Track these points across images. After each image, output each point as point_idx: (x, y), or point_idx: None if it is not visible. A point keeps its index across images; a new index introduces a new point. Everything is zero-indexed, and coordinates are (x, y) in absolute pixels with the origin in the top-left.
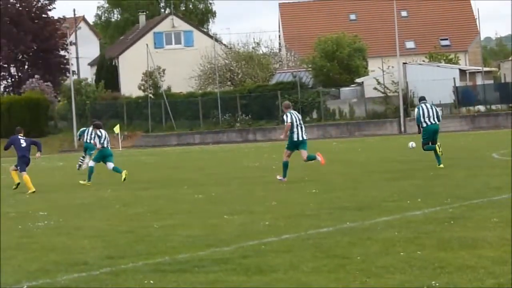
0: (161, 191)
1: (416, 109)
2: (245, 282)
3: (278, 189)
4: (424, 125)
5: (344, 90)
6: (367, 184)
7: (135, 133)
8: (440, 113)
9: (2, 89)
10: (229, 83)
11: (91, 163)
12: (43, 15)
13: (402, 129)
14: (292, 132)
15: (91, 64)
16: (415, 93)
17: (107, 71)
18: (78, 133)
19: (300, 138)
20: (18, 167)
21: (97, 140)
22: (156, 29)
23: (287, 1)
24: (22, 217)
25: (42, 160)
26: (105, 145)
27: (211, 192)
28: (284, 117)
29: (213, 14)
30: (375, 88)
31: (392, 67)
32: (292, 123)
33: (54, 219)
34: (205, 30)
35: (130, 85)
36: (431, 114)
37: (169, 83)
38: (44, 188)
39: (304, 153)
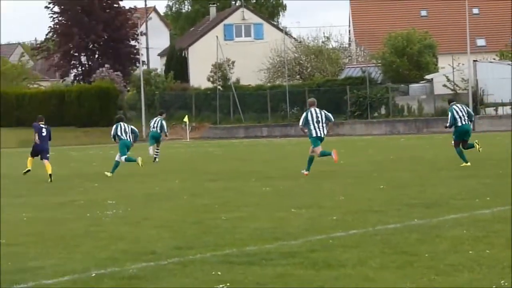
0: (229, 183)
1: (449, 112)
2: (313, 276)
3: (346, 184)
4: (459, 124)
5: (413, 87)
6: (434, 182)
7: (203, 125)
8: (471, 113)
9: (72, 78)
10: (298, 76)
11: (122, 158)
12: (115, 5)
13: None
14: (310, 130)
15: (161, 55)
16: (485, 91)
17: (176, 62)
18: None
19: (319, 135)
20: (40, 155)
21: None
22: (227, 21)
23: None
24: (90, 205)
25: (111, 149)
26: (124, 137)
27: (279, 185)
28: (304, 114)
29: (284, 8)
30: (445, 85)
31: (463, 64)
32: (308, 120)
33: (122, 208)
34: (275, 23)
35: (199, 76)
36: (462, 115)
37: (238, 75)
38: (111, 177)
39: (317, 149)
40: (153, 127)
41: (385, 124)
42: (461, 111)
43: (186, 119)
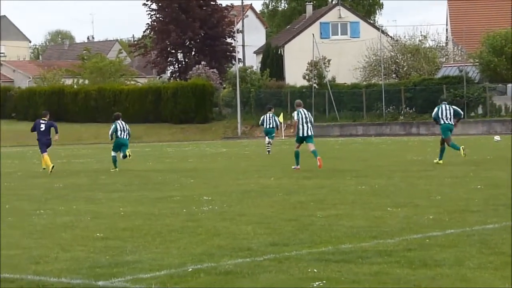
0: (324, 181)
1: (435, 108)
2: (409, 275)
3: (442, 184)
4: (442, 122)
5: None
6: None
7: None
8: (460, 112)
9: (169, 74)
10: (394, 75)
11: (112, 153)
12: (212, 2)
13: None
14: (298, 128)
15: (256, 52)
16: None
17: (272, 59)
18: (260, 121)
19: (305, 134)
20: (40, 149)
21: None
22: (323, 19)
23: None
24: (186, 201)
25: (206, 146)
26: (119, 135)
27: (374, 184)
28: (294, 114)
29: (380, 6)
30: None
31: None
32: (298, 120)
33: (218, 205)
34: (371, 21)
35: (295, 74)
36: (446, 114)
37: (334, 73)
38: (207, 174)
39: (311, 146)
40: (268, 124)
41: (482, 124)
42: (447, 110)
43: (281, 118)
